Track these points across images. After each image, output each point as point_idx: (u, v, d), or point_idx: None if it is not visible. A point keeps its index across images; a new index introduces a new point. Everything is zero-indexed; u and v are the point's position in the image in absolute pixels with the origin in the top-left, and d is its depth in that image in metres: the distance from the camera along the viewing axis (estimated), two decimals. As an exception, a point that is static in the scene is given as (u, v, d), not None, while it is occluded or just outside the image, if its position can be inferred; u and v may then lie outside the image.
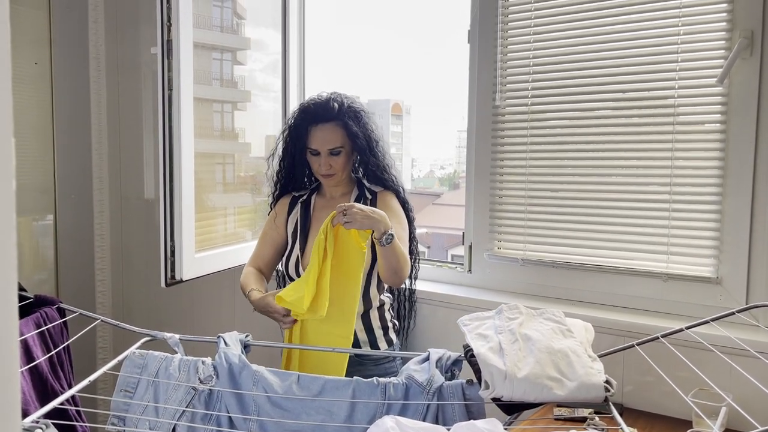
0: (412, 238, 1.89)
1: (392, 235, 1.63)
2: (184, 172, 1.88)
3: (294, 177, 1.93)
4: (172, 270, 1.89)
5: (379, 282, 1.82)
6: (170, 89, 1.83)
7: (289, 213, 1.91)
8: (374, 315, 1.82)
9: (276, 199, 1.96)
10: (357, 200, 1.85)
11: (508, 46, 1.99)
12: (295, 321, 1.70)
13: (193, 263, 1.94)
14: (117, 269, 2.83)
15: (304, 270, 1.79)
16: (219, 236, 2.19)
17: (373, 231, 1.63)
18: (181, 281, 1.91)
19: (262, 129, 2.46)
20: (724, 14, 1.65)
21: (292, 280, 1.84)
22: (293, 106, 2.41)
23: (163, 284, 1.88)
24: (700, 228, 1.73)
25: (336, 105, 1.79)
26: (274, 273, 2.04)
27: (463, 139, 2.20)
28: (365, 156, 1.85)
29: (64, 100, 2.60)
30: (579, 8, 1.86)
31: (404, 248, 1.76)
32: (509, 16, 1.98)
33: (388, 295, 1.90)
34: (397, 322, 1.92)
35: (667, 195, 1.77)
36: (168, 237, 1.88)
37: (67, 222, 2.64)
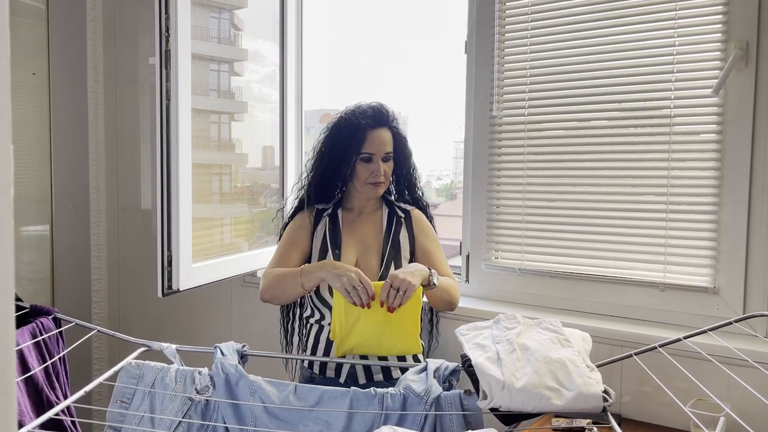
0: None
1: (436, 274, 1.64)
2: (182, 182, 1.88)
3: (330, 186, 1.85)
4: (169, 280, 1.88)
5: None
6: (168, 99, 1.84)
7: (315, 226, 1.82)
8: None
9: (301, 208, 1.87)
10: (389, 218, 1.81)
11: (505, 57, 2.00)
12: (370, 306, 1.58)
13: (190, 273, 1.94)
14: (113, 279, 2.82)
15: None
16: (216, 246, 2.19)
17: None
18: (178, 291, 1.90)
19: (258, 140, 2.46)
20: (719, 25, 1.67)
21: (322, 301, 1.73)
22: (291, 117, 2.41)
23: (160, 294, 1.88)
24: (696, 238, 1.74)
25: (388, 111, 1.80)
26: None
27: (460, 149, 2.21)
28: (403, 167, 1.84)
29: (62, 110, 2.60)
30: (575, 19, 1.87)
31: (448, 268, 1.79)
32: (506, 27, 1.99)
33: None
34: (424, 344, 1.84)
35: (663, 205, 1.77)
36: (165, 247, 1.87)
37: (64, 232, 2.63)
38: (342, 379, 1.70)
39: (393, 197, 1.90)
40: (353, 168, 1.75)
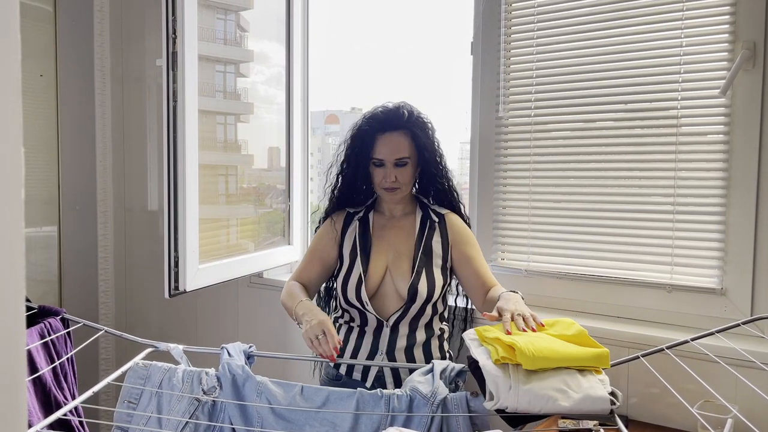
0: None
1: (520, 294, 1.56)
2: (188, 183, 1.89)
3: (353, 191, 1.82)
4: (176, 281, 1.88)
5: (444, 309, 1.76)
6: (175, 101, 1.84)
7: (344, 231, 1.79)
8: (435, 344, 1.72)
9: (328, 214, 1.85)
10: (423, 222, 1.76)
11: (511, 58, 2.00)
12: (334, 359, 1.50)
13: (197, 274, 1.95)
14: (120, 280, 2.83)
15: (367, 293, 1.67)
16: (222, 247, 2.20)
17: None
18: (185, 292, 1.91)
19: (264, 141, 2.47)
20: (727, 26, 1.66)
21: (350, 305, 1.71)
22: (297, 117, 2.42)
23: (166, 295, 1.88)
24: (704, 239, 1.73)
25: (406, 113, 1.71)
26: (323, 297, 1.93)
27: (466, 150, 2.21)
28: (429, 170, 1.76)
29: (69, 111, 2.62)
30: (581, 20, 1.87)
31: (486, 270, 1.73)
32: (512, 28, 1.99)
33: (447, 323, 1.81)
34: (452, 353, 1.81)
35: (670, 206, 1.77)
36: (172, 248, 1.88)
37: (71, 233, 2.64)
38: (368, 384, 1.69)
39: (429, 200, 1.83)
40: (370, 173, 1.74)
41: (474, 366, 1.32)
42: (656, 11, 1.75)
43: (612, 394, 1.20)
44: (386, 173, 1.70)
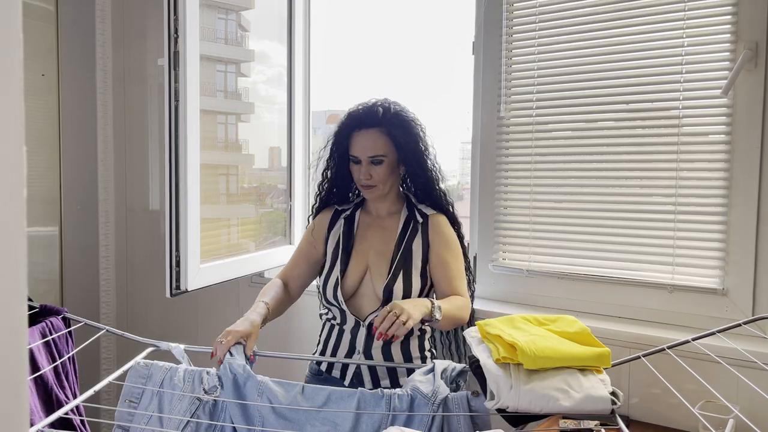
0: (465, 256, 1.76)
1: (438, 308, 1.54)
2: (190, 182, 1.89)
3: (337, 189, 1.81)
4: (177, 280, 1.89)
5: None
6: (176, 100, 1.84)
7: (330, 228, 1.78)
8: (414, 344, 1.69)
9: (316, 212, 1.84)
10: (407, 222, 1.73)
11: (513, 58, 2.00)
12: (220, 361, 1.47)
13: (198, 273, 1.95)
14: (121, 279, 2.84)
15: (343, 295, 1.67)
16: (223, 247, 2.20)
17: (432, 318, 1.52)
18: (186, 291, 1.91)
19: (265, 141, 2.47)
20: (729, 26, 1.66)
21: (330, 303, 1.71)
22: (298, 117, 2.42)
23: (168, 294, 1.88)
24: (705, 239, 1.73)
25: (381, 110, 1.67)
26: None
27: (467, 150, 2.21)
28: (410, 168, 1.72)
29: (71, 111, 2.62)
30: (583, 20, 1.86)
31: (462, 282, 1.69)
32: (513, 27, 1.99)
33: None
34: (435, 351, 1.77)
35: (672, 206, 1.77)
36: (173, 247, 1.88)
37: (73, 232, 2.64)
38: (347, 382, 1.69)
39: (413, 198, 1.80)
40: (350, 170, 1.74)
41: (475, 365, 1.32)
42: (658, 11, 1.75)
43: (613, 393, 1.20)
44: (361, 170, 1.69)
